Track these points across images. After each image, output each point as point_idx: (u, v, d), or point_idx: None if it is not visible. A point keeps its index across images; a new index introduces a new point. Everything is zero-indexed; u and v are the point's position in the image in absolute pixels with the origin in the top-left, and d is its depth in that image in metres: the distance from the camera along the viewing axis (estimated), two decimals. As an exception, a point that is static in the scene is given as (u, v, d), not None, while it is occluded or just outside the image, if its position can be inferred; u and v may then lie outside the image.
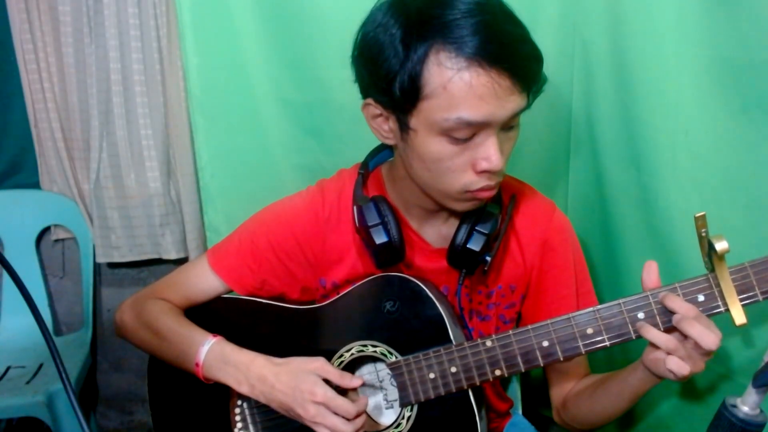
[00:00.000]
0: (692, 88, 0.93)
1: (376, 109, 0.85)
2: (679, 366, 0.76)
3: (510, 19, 0.78)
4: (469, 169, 0.81)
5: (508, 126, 0.81)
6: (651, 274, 0.81)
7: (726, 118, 0.90)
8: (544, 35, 0.80)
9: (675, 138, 0.98)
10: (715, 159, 0.93)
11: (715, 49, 0.89)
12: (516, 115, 0.79)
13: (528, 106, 0.80)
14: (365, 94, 0.86)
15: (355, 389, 0.92)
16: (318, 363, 0.87)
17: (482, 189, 0.83)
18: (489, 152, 0.79)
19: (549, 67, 0.81)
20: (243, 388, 0.89)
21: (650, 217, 1.06)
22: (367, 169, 1.00)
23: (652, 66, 0.99)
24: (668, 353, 0.77)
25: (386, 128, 0.86)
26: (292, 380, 0.85)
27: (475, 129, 0.78)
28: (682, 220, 0.99)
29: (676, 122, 0.97)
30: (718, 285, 0.78)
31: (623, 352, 1.17)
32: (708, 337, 0.73)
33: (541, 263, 0.98)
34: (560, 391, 1.02)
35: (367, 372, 0.97)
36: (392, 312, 0.92)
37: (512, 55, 0.75)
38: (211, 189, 1.37)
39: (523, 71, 0.76)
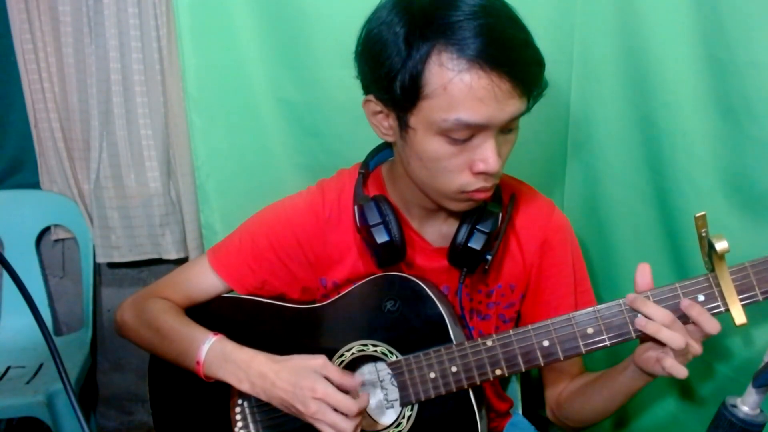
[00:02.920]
0: (688, 88, 0.94)
1: (376, 106, 0.85)
2: (677, 369, 0.77)
3: (513, 23, 0.78)
4: (466, 170, 0.81)
5: (506, 129, 0.81)
6: (645, 276, 0.82)
7: (718, 119, 0.90)
8: (542, 36, 0.80)
9: (674, 138, 0.98)
10: (711, 159, 0.93)
11: (705, 49, 0.89)
12: (515, 119, 0.79)
13: (528, 110, 0.80)
14: (366, 90, 0.86)
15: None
16: (319, 361, 0.87)
17: (478, 190, 0.83)
18: (486, 154, 0.79)
19: (547, 68, 0.81)
20: (243, 386, 0.89)
21: (650, 217, 1.06)
22: (367, 168, 1.00)
23: (653, 66, 0.99)
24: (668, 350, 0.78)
25: (386, 125, 0.86)
26: (292, 377, 0.85)
27: (473, 130, 0.78)
28: (681, 220, 0.99)
29: (675, 122, 0.97)
30: (718, 285, 0.78)
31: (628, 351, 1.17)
32: (677, 339, 0.76)
33: (540, 262, 0.98)
34: (555, 389, 1.02)
35: (367, 371, 0.97)
36: (393, 311, 0.92)
37: (513, 59, 0.75)
38: (208, 188, 1.37)
39: (524, 75, 0.77)
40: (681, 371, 0.77)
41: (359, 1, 0.84)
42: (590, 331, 0.82)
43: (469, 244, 0.89)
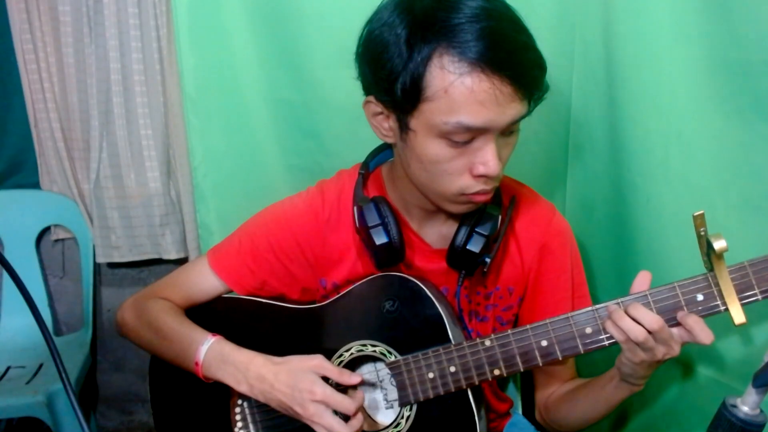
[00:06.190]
0: (685, 89, 0.93)
1: (376, 107, 0.85)
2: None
3: (515, 25, 0.77)
4: (466, 173, 0.81)
5: (507, 131, 0.81)
6: (643, 285, 0.82)
7: (720, 119, 0.90)
8: (542, 36, 0.80)
9: (668, 139, 0.98)
10: (708, 160, 0.93)
11: (710, 50, 0.89)
12: (516, 122, 0.79)
13: (529, 113, 0.80)
14: (367, 91, 0.86)
15: (354, 386, 0.92)
16: (316, 360, 0.87)
17: (478, 193, 0.83)
18: (487, 157, 0.79)
19: (548, 70, 0.80)
20: (242, 388, 0.89)
21: (643, 219, 1.06)
22: (367, 169, 1.00)
23: (646, 66, 0.99)
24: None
25: (386, 126, 0.86)
26: (290, 379, 0.86)
27: (474, 133, 0.78)
28: (674, 221, 0.99)
29: (669, 123, 0.97)
30: (717, 284, 0.78)
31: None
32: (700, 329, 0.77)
33: (539, 266, 0.98)
34: (545, 392, 1.03)
35: (366, 372, 0.97)
36: (392, 312, 0.92)
37: (515, 63, 0.75)
38: (205, 188, 1.37)
39: (525, 79, 0.76)
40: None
41: (357, 1, 0.83)
42: (589, 330, 0.82)
43: (467, 247, 0.89)
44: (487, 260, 0.90)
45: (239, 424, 0.99)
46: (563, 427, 1.01)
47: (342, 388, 0.90)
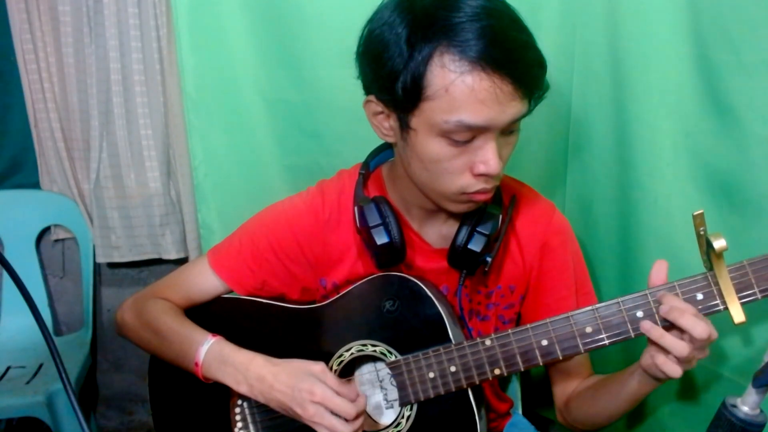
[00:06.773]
0: (692, 89, 0.94)
1: (377, 107, 0.85)
2: (673, 370, 0.77)
3: (516, 24, 0.78)
4: (467, 172, 0.81)
5: (508, 130, 0.81)
6: (660, 273, 0.81)
7: (722, 118, 0.90)
8: (544, 36, 0.80)
9: (676, 139, 0.98)
10: (714, 159, 0.93)
11: (707, 50, 0.89)
12: (516, 121, 0.79)
13: (529, 112, 0.80)
14: (367, 91, 0.86)
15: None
16: (318, 367, 0.87)
17: (479, 192, 0.83)
18: (487, 156, 0.79)
19: (549, 69, 0.81)
20: (242, 388, 0.89)
21: (649, 218, 1.06)
22: (367, 169, 1.00)
23: (651, 66, 0.99)
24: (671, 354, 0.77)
25: (387, 126, 0.86)
26: (290, 380, 0.85)
27: (474, 132, 0.78)
28: (682, 220, 0.99)
29: (677, 123, 0.97)
30: (716, 283, 0.78)
31: (623, 351, 1.17)
32: (699, 326, 0.75)
33: (540, 264, 0.98)
34: (563, 391, 1.02)
35: (366, 371, 0.97)
36: (392, 311, 0.92)
37: (515, 61, 0.75)
38: (205, 188, 1.37)
39: (526, 77, 0.77)
40: (673, 370, 0.77)
41: (357, 1, 0.84)
42: (589, 330, 0.82)
43: (468, 246, 0.89)
44: (488, 259, 0.90)
45: (239, 425, 0.99)
46: (587, 424, 0.99)
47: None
